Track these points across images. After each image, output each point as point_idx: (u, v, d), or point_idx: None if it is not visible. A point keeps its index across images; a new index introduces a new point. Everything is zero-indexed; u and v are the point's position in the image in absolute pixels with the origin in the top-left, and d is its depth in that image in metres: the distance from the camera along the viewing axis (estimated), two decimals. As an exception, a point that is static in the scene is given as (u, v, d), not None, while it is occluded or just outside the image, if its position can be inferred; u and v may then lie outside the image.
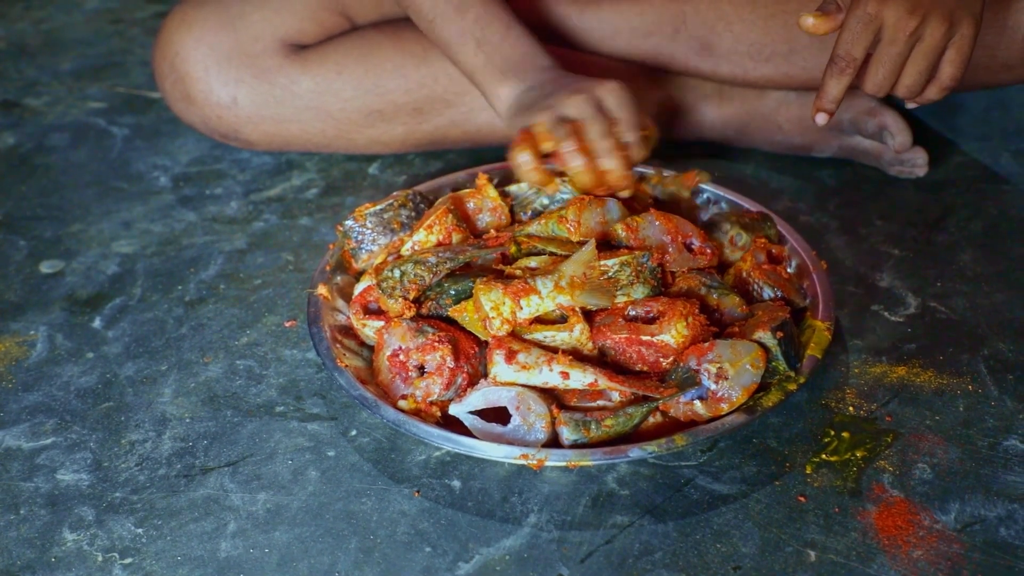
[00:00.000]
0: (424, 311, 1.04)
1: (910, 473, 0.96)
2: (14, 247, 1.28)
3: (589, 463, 0.92)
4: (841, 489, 0.95)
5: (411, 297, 1.01)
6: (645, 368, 0.98)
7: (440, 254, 1.02)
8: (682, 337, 0.97)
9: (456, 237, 1.07)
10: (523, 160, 1.06)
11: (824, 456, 0.98)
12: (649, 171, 1.18)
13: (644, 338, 0.97)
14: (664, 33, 1.34)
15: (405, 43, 1.35)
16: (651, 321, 0.99)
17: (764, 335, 0.97)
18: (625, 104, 1.08)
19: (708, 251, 1.07)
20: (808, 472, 0.96)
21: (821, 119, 1.08)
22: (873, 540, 0.90)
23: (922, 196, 1.33)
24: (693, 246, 1.07)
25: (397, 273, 1.02)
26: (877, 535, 0.90)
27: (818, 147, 1.39)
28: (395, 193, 1.10)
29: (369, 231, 1.08)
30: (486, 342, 0.99)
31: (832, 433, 1.00)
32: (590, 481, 0.96)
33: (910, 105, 1.11)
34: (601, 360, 0.99)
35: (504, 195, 1.13)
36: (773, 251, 1.10)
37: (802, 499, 0.94)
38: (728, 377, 0.94)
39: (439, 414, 0.98)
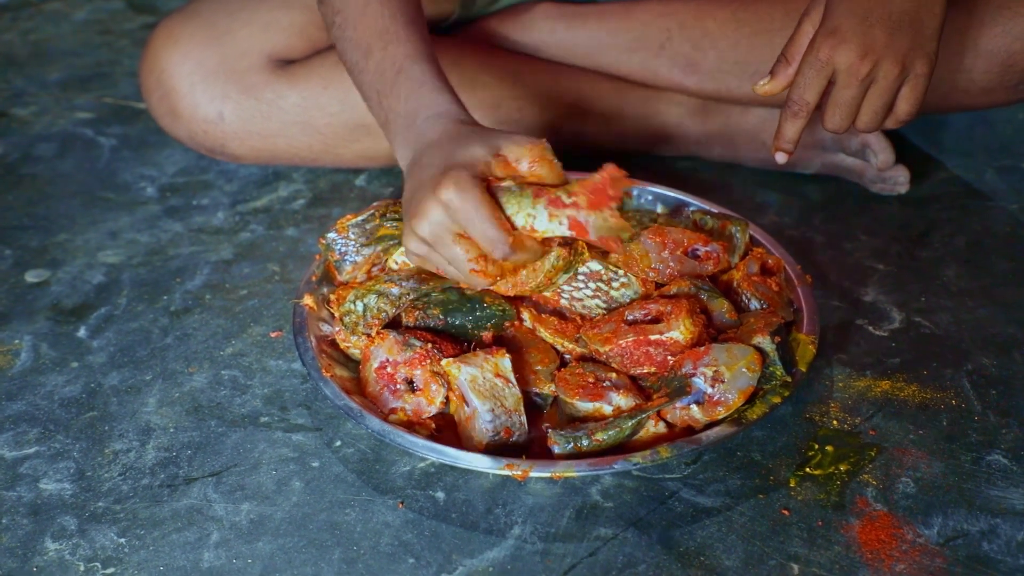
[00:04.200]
0: (411, 322, 1.04)
1: (893, 487, 0.96)
2: (-1, 256, 1.28)
3: (573, 475, 0.92)
4: (825, 503, 0.95)
5: (374, 333, 1.02)
6: (653, 369, 0.99)
7: (403, 283, 1.03)
8: (690, 333, 0.97)
9: None
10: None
11: (808, 470, 0.98)
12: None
13: (653, 337, 0.98)
14: (650, 49, 1.35)
15: (391, 57, 1.35)
16: (653, 322, 0.99)
17: (763, 340, 0.97)
18: (469, 218, 0.89)
19: (715, 255, 1.07)
20: (792, 485, 0.96)
21: (780, 158, 1.11)
22: (856, 554, 0.90)
23: (906, 212, 1.34)
24: (699, 252, 1.08)
25: (360, 307, 1.02)
26: (860, 549, 0.91)
27: (802, 164, 1.39)
28: (375, 203, 1.11)
29: (352, 242, 1.08)
30: (474, 348, 1.00)
31: (816, 447, 1.00)
32: (574, 493, 0.96)
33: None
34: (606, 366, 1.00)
35: None
36: (769, 262, 1.10)
37: (786, 512, 0.94)
38: (724, 380, 0.94)
39: (433, 426, 0.98)
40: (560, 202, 0.90)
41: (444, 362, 0.97)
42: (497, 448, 0.95)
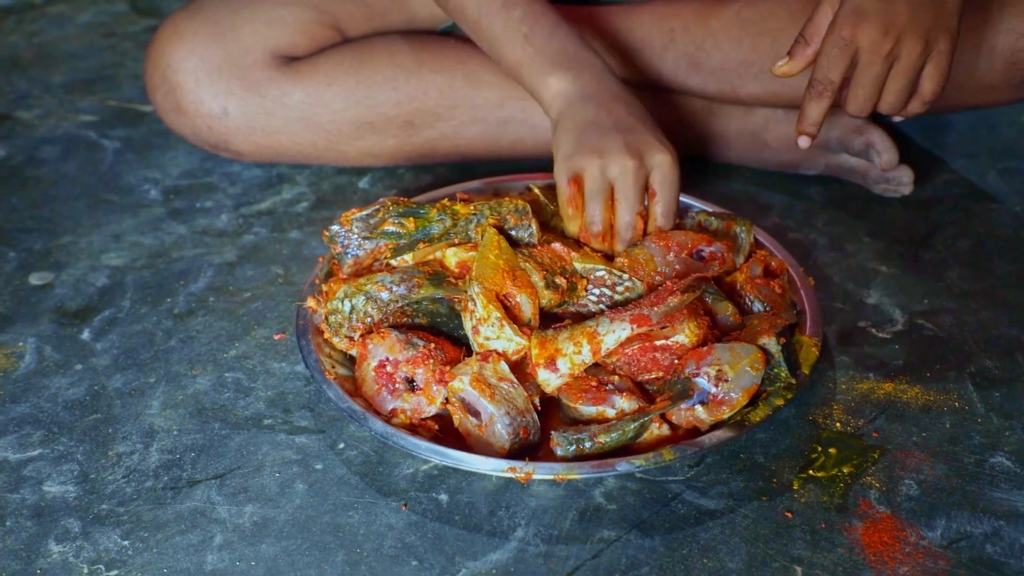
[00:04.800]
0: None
1: (897, 489, 0.96)
2: (4, 259, 1.27)
3: (576, 477, 0.92)
4: (828, 505, 0.95)
5: (357, 336, 1.02)
6: (661, 374, 0.99)
7: (394, 289, 1.03)
8: (695, 336, 0.97)
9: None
10: (571, 219, 1.09)
11: (811, 472, 0.98)
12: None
13: (659, 343, 0.97)
14: (653, 50, 1.35)
15: (396, 56, 1.35)
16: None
17: (768, 341, 0.97)
18: (669, 184, 1.08)
19: (720, 255, 1.07)
20: (795, 488, 0.96)
21: (803, 142, 1.11)
22: (859, 556, 0.90)
23: (909, 214, 1.34)
24: (703, 253, 1.08)
25: (347, 307, 1.02)
26: (863, 551, 0.91)
27: (805, 164, 1.39)
28: (382, 199, 1.10)
29: (355, 236, 1.08)
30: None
31: (819, 449, 1.00)
32: (577, 495, 0.96)
33: (896, 119, 1.12)
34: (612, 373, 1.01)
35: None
36: (772, 264, 1.10)
37: (789, 515, 0.94)
38: (728, 379, 0.94)
39: (436, 427, 0.98)
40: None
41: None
42: (518, 450, 0.95)
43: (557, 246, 1.06)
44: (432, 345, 1.00)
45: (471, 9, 1.16)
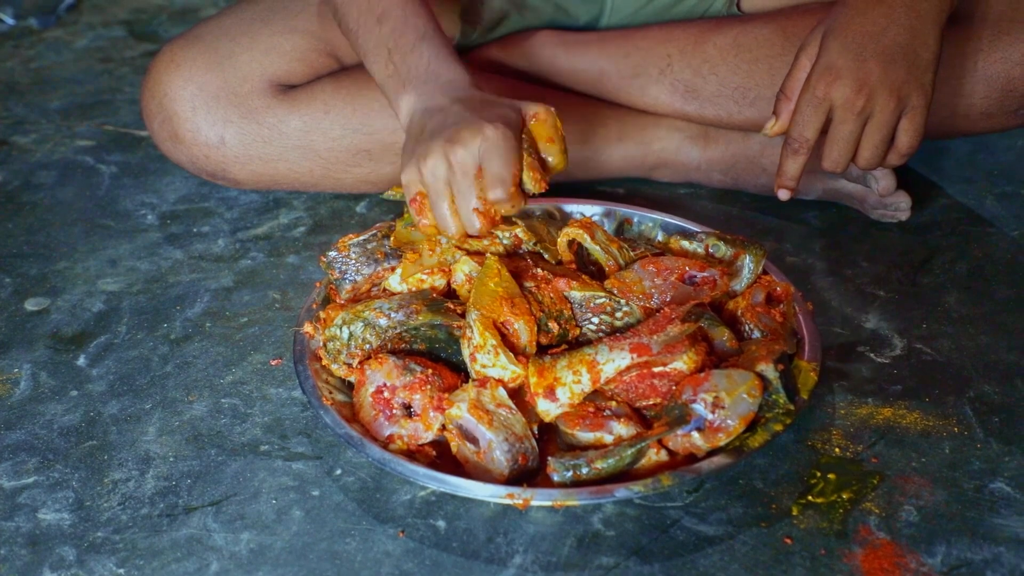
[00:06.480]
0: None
1: (896, 515, 0.96)
2: (-1, 284, 1.27)
3: (575, 503, 0.92)
4: (827, 531, 0.94)
5: (355, 363, 1.02)
6: (659, 400, 0.98)
7: (392, 315, 1.02)
8: (693, 363, 0.97)
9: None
10: (423, 225, 1.05)
11: (810, 498, 0.98)
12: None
13: (657, 369, 0.97)
14: (650, 75, 1.35)
15: (393, 83, 1.35)
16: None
17: (766, 368, 0.97)
18: (491, 155, 1.00)
19: (714, 279, 1.07)
20: (794, 514, 0.96)
21: (783, 195, 1.15)
22: (859, 582, 0.90)
23: (907, 238, 1.34)
24: (696, 279, 1.07)
25: (345, 334, 1.02)
26: (863, 577, 0.90)
27: (803, 190, 1.39)
28: (378, 224, 1.10)
29: (353, 261, 1.08)
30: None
31: (818, 474, 1.00)
32: (576, 522, 0.95)
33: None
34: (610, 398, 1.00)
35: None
36: (777, 290, 1.10)
37: (788, 541, 0.93)
38: (725, 406, 0.93)
39: (434, 453, 0.98)
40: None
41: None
42: (517, 476, 0.95)
43: (561, 283, 1.05)
44: (430, 371, 0.99)
45: (352, 21, 1.16)
